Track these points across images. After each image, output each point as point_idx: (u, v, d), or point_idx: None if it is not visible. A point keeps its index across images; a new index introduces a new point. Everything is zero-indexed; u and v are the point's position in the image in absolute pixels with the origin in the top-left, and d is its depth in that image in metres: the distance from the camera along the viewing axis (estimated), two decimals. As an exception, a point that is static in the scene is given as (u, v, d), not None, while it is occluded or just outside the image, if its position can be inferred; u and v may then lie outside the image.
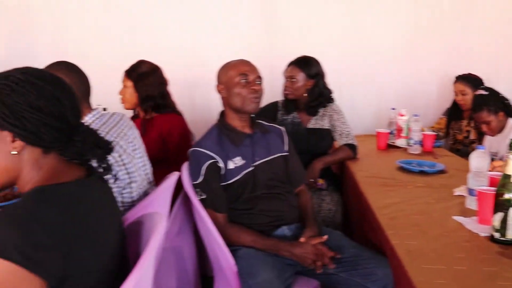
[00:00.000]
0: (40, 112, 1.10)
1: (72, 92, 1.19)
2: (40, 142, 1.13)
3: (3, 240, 0.97)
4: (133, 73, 2.67)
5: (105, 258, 1.17)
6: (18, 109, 1.08)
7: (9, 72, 1.14)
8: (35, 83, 1.11)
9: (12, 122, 1.09)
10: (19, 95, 1.09)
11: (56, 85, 1.16)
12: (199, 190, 2.01)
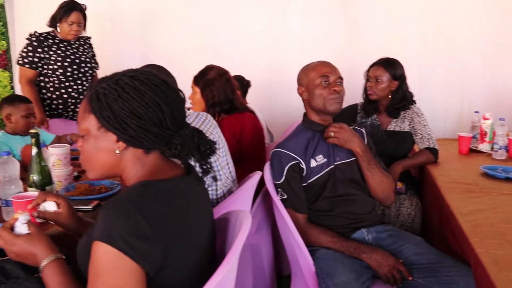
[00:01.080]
0: (141, 119, 1.17)
1: (174, 98, 1.24)
2: (141, 145, 1.21)
3: (110, 228, 1.06)
4: (200, 80, 2.74)
5: (198, 252, 1.23)
6: (121, 115, 1.16)
7: (119, 74, 1.22)
8: (139, 89, 1.18)
9: (115, 126, 1.18)
10: (124, 101, 1.17)
11: (159, 90, 1.21)
12: (280, 190, 2.06)
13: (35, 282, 1.28)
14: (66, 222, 1.42)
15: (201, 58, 3.16)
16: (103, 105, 1.17)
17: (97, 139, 1.21)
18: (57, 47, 3.53)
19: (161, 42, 4.33)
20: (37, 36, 3.50)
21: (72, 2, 3.47)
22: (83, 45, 3.68)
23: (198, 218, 1.27)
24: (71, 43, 3.58)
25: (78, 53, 3.60)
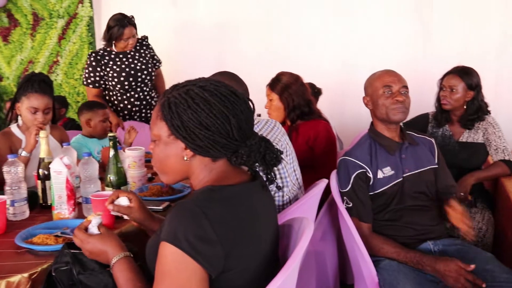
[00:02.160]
0: (209, 130, 1.21)
1: (243, 109, 1.27)
2: (208, 154, 1.25)
3: (176, 230, 1.12)
4: (276, 86, 2.78)
5: (260, 257, 1.26)
6: (190, 125, 1.21)
7: (191, 84, 1.27)
8: (209, 100, 1.22)
9: (184, 135, 1.23)
10: (193, 112, 1.21)
11: (228, 102, 1.24)
12: (346, 198, 2.07)
13: (107, 275, 1.37)
14: (138, 215, 1.53)
15: (270, 66, 3.22)
16: (174, 114, 1.23)
17: (167, 145, 1.27)
18: (113, 62, 3.72)
19: (232, 50, 4.46)
20: (94, 56, 3.73)
21: (121, 19, 3.61)
22: (139, 49, 3.81)
23: (262, 223, 1.30)
24: (126, 53, 3.75)
25: (133, 62, 3.74)
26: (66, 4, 5.23)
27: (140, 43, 3.85)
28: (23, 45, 5.52)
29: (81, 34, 5.21)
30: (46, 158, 1.99)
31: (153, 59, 3.90)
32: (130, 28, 3.62)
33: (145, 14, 4.80)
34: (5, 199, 1.78)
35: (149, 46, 3.92)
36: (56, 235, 1.63)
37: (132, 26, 3.64)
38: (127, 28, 3.60)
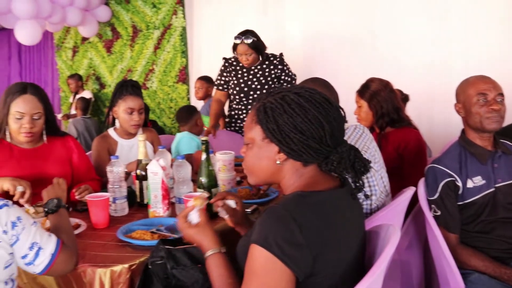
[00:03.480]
0: (302, 134, 1.25)
1: (335, 116, 1.31)
2: (300, 158, 1.29)
3: (266, 233, 1.17)
4: (365, 92, 2.76)
5: (347, 262, 1.28)
6: (285, 129, 1.26)
7: (286, 90, 1.32)
8: (304, 106, 1.27)
9: (279, 138, 1.27)
10: (289, 116, 1.26)
11: (322, 107, 1.28)
12: (434, 206, 2.02)
13: (198, 271, 1.46)
14: (240, 219, 1.62)
15: (358, 73, 3.21)
16: (269, 118, 1.28)
17: (260, 148, 1.32)
18: (236, 72, 3.85)
19: (319, 56, 4.49)
20: (225, 61, 3.91)
21: (237, 37, 3.70)
22: (264, 67, 3.82)
23: (350, 229, 1.31)
24: (250, 68, 3.82)
25: (251, 79, 3.82)
26: (162, 16, 5.54)
27: (271, 61, 3.83)
28: (123, 55, 5.92)
29: (174, 43, 5.49)
30: (144, 160, 2.15)
31: (279, 79, 3.86)
32: (243, 46, 3.67)
33: (236, 23, 4.97)
34: (109, 196, 1.94)
35: (278, 66, 3.84)
36: (152, 231, 1.75)
37: (246, 44, 3.66)
38: (240, 45, 3.68)
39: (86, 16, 5.67)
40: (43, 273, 1.46)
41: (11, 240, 1.37)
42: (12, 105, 2.15)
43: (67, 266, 1.50)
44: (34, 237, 1.41)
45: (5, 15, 4.90)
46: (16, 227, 1.37)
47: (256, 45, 3.71)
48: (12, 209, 1.40)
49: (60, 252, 1.46)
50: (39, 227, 1.46)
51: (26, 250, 1.39)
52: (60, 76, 6.72)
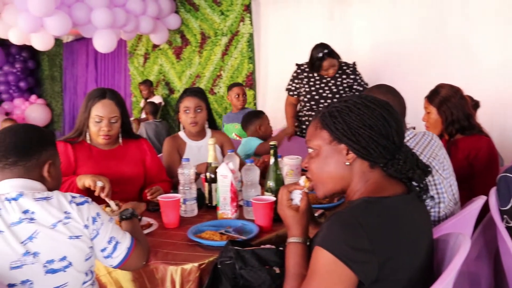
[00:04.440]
0: (372, 130, 1.28)
1: (397, 116, 1.34)
2: (369, 156, 1.30)
3: (333, 237, 1.19)
4: (435, 98, 2.70)
5: (413, 270, 1.27)
6: (354, 126, 1.29)
7: (348, 97, 1.37)
8: (368, 106, 1.31)
9: (349, 137, 1.30)
10: (356, 115, 1.30)
11: (385, 108, 1.32)
12: (506, 217, 1.96)
13: (266, 273, 1.49)
14: None
15: (427, 78, 3.15)
16: (337, 119, 1.31)
17: (327, 153, 1.34)
18: (308, 80, 3.89)
19: (387, 61, 4.43)
20: (298, 67, 3.96)
21: (320, 57, 3.70)
22: (337, 77, 3.83)
23: (417, 236, 1.31)
24: (323, 77, 3.84)
25: (323, 88, 3.84)
26: (229, 23, 5.66)
27: (343, 70, 3.86)
28: (192, 61, 6.11)
29: (242, 49, 5.60)
30: (213, 163, 2.22)
31: (351, 88, 3.87)
32: (328, 61, 3.70)
33: (302, 29, 5.01)
34: (180, 197, 2.03)
35: (351, 75, 3.86)
36: (221, 232, 1.82)
37: (330, 57, 3.70)
38: (325, 61, 3.70)
39: (158, 24, 5.90)
40: (119, 266, 1.56)
41: (91, 234, 1.47)
42: (92, 109, 2.30)
43: (139, 261, 1.60)
44: (112, 232, 1.52)
45: (85, 26, 5.19)
46: (96, 222, 1.48)
47: (336, 54, 3.74)
48: (92, 205, 1.51)
49: (134, 247, 1.56)
50: (115, 224, 1.56)
51: (105, 243, 1.50)
52: (132, 82, 7.03)
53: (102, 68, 8.00)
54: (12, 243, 1.37)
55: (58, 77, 9.08)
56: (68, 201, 1.46)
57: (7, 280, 1.37)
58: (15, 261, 1.37)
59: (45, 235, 1.39)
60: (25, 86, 9.36)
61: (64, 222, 1.42)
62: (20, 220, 1.39)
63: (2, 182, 1.47)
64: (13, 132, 1.52)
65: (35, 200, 1.42)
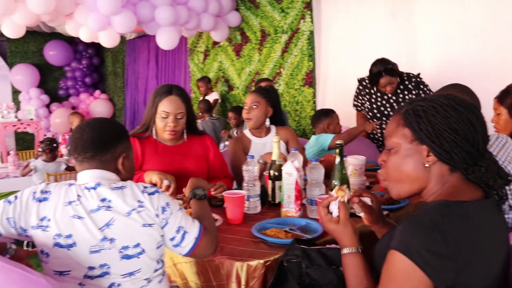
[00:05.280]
0: (457, 134, 1.23)
1: (483, 121, 1.28)
2: (450, 160, 1.25)
3: (408, 241, 1.15)
4: (506, 99, 2.57)
5: (489, 277, 1.22)
6: (439, 128, 1.24)
7: (435, 96, 1.31)
8: (456, 109, 1.24)
9: (432, 139, 1.24)
10: (442, 117, 1.24)
11: (473, 112, 1.26)
12: None
13: (332, 272, 1.48)
14: (375, 217, 1.58)
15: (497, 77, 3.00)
16: (422, 119, 1.26)
17: (407, 152, 1.30)
18: (369, 96, 3.84)
19: (452, 61, 4.27)
20: (360, 82, 3.91)
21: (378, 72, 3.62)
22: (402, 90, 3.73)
23: (495, 242, 1.26)
24: (384, 93, 3.75)
25: (386, 104, 3.77)
26: (290, 20, 5.64)
27: (405, 85, 3.74)
28: (252, 58, 6.14)
29: (302, 47, 5.56)
30: (277, 161, 2.21)
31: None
32: (386, 78, 3.61)
33: (364, 28, 4.92)
34: (245, 194, 2.03)
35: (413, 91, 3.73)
36: (286, 230, 1.81)
37: (388, 75, 3.60)
38: (382, 78, 3.62)
39: (218, 21, 5.96)
40: (188, 255, 1.59)
41: (161, 223, 1.51)
42: (159, 105, 2.35)
43: (208, 250, 1.62)
44: (180, 221, 1.55)
45: (148, 23, 5.32)
46: (166, 212, 1.52)
47: (396, 71, 3.63)
48: (162, 195, 1.56)
49: (202, 236, 1.58)
50: (184, 213, 1.59)
51: (173, 233, 1.53)
52: (192, 78, 7.14)
53: (162, 64, 8.18)
54: (91, 228, 1.44)
55: (121, 73, 9.39)
56: (141, 191, 1.52)
57: (87, 263, 1.45)
58: (94, 246, 1.44)
59: (121, 222, 1.46)
60: (90, 81, 9.76)
61: (138, 210, 1.47)
62: (99, 207, 1.46)
63: (82, 172, 1.55)
64: (90, 128, 1.58)
65: (111, 189, 1.49)
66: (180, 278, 1.85)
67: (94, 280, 1.46)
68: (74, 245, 1.45)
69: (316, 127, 3.56)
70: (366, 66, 3.79)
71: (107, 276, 1.46)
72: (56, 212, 1.46)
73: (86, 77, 9.71)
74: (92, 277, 1.46)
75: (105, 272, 1.46)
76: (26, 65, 9.16)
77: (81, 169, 1.56)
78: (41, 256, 1.50)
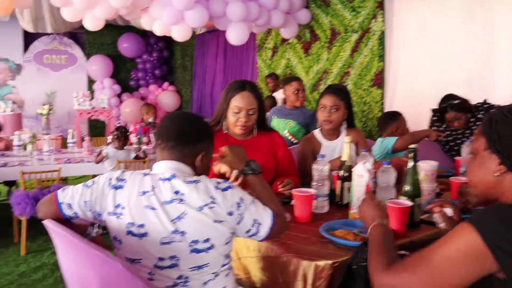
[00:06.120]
0: None
1: None
2: None
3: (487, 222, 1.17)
4: None
5: None
6: (505, 142, 1.24)
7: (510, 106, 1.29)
8: None
9: (499, 149, 1.25)
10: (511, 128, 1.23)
11: None
12: None
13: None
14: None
15: None
16: (493, 129, 1.26)
17: (482, 159, 1.31)
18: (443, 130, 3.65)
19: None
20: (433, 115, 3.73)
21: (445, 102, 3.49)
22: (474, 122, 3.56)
23: None
24: None
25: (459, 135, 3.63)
26: (361, 19, 5.55)
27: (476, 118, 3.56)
28: (320, 57, 6.10)
29: (372, 47, 5.47)
30: (348, 162, 2.20)
31: None
32: (452, 114, 3.47)
33: (438, 29, 4.76)
34: (314, 193, 2.03)
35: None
36: (354, 232, 1.79)
37: (454, 111, 3.45)
38: (447, 113, 3.49)
39: (288, 18, 5.96)
40: (262, 241, 1.64)
41: (236, 219, 1.53)
42: (232, 100, 2.39)
43: (280, 234, 1.68)
44: (255, 214, 1.57)
45: (220, 19, 5.41)
46: (240, 208, 1.54)
47: (463, 107, 3.48)
48: (236, 190, 1.57)
49: (276, 224, 1.60)
50: (256, 203, 1.60)
51: (249, 226, 1.56)
52: (259, 75, 7.19)
53: (230, 59, 8.29)
54: (163, 220, 1.48)
55: (189, 66, 9.61)
56: (214, 187, 1.53)
57: (157, 253, 1.49)
58: (165, 237, 1.48)
59: (192, 216, 1.48)
60: (159, 73, 10.06)
61: (210, 206, 1.49)
62: (172, 199, 1.50)
63: (159, 162, 1.60)
64: (179, 119, 1.66)
65: (185, 183, 1.52)
66: (243, 272, 1.88)
67: (164, 270, 1.50)
68: (146, 235, 1.49)
69: (383, 130, 3.49)
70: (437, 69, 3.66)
71: (176, 268, 1.50)
72: (130, 201, 1.51)
73: (156, 69, 10.02)
74: (161, 268, 1.50)
75: (174, 264, 1.50)
76: (102, 56, 9.58)
77: (161, 158, 1.60)
78: (114, 242, 1.56)
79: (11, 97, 9.17)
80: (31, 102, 9.31)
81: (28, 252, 3.93)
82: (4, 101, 8.20)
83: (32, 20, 7.59)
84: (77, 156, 4.97)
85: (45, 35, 9.31)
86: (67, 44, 9.76)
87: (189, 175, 1.57)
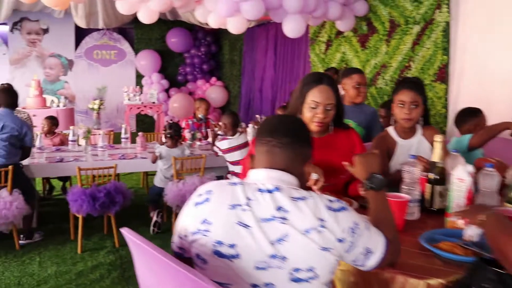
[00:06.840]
0: None
1: None
2: None
3: None
4: None
5: None
6: None
7: None
8: None
9: None
10: None
11: None
12: None
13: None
14: None
15: None
16: None
17: None
18: None
19: None
20: None
21: None
22: None
23: None
24: None
25: None
26: (423, 10, 5.25)
27: None
28: (378, 50, 5.83)
29: (435, 39, 5.16)
30: (439, 163, 1.98)
31: None
32: None
33: (507, 19, 4.42)
34: (409, 198, 1.83)
35: None
36: (461, 245, 1.58)
37: None
38: None
39: (345, 10, 5.72)
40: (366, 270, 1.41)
41: (347, 246, 1.31)
42: (308, 94, 2.20)
43: (390, 264, 1.45)
44: (368, 242, 1.35)
45: (276, 10, 5.22)
46: (355, 234, 1.31)
47: None
48: (350, 212, 1.34)
49: (387, 254, 1.38)
50: (370, 227, 1.38)
51: (358, 255, 1.34)
52: (312, 69, 6.96)
53: (281, 53, 8.09)
54: (260, 241, 1.26)
55: (238, 61, 9.48)
56: (325, 206, 1.30)
57: (250, 279, 1.27)
58: (261, 261, 1.26)
59: (296, 240, 1.25)
60: (207, 68, 9.99)
61: (319, 230, 1.26)
62: (273, 217, 1.27)
63: (258, 170, 1.39)
64: (290, 119, 1.54)
65: (291, 199, 1.30)
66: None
67: None
68: (237, 257, 1.27)
69: (460, 128, 3.22)
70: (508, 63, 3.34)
71: None
72: (218, 215, 1.31)
73: (203, 64, 9.95)
74: None
75: None
76: (150, 51, 9.58)
77: (265, 158, 1.39)
78: (197, 260, 1.35)
79: (63, 92, 9.30)
80: (82, 97, 9.42)
81: (84, 250, 3.87)
82: (57, 96, 8.31)
83: (85, 16, 7.63)
84: (130, 151, 4.91)
85: (95, 30, 9.39)
86: (117, 40, 9.83)
87: (295, 189, 1.35)
